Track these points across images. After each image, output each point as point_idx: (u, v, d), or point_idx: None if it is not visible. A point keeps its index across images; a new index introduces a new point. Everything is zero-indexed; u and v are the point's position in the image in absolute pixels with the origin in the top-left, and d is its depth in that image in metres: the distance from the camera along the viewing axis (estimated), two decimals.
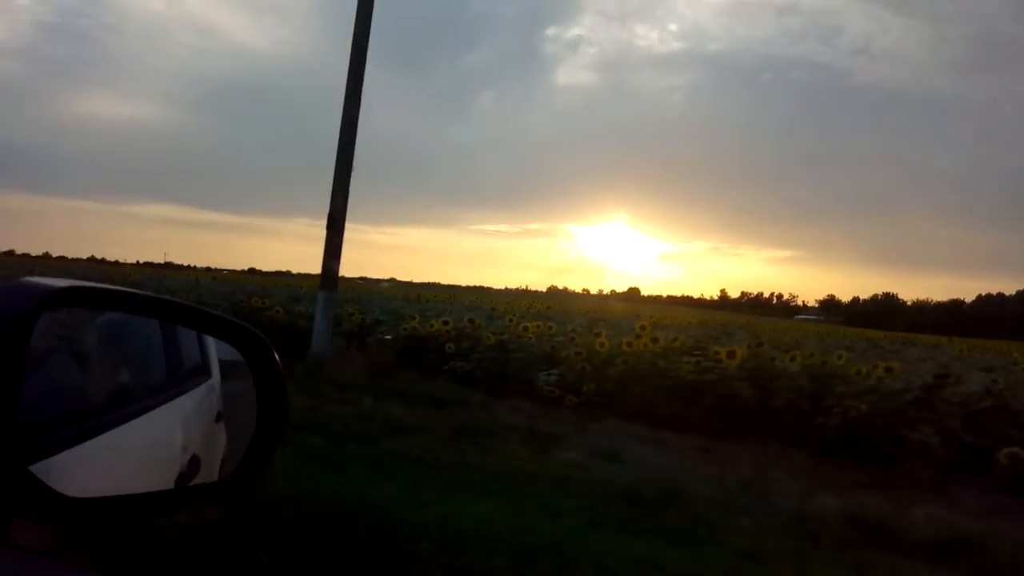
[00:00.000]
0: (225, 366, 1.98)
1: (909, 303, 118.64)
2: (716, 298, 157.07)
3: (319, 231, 11.00)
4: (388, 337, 12.46)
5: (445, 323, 11.87)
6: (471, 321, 12.01)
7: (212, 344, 1.96)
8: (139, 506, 1.12)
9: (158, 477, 1.42)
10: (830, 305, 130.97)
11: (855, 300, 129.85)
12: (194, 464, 1.59)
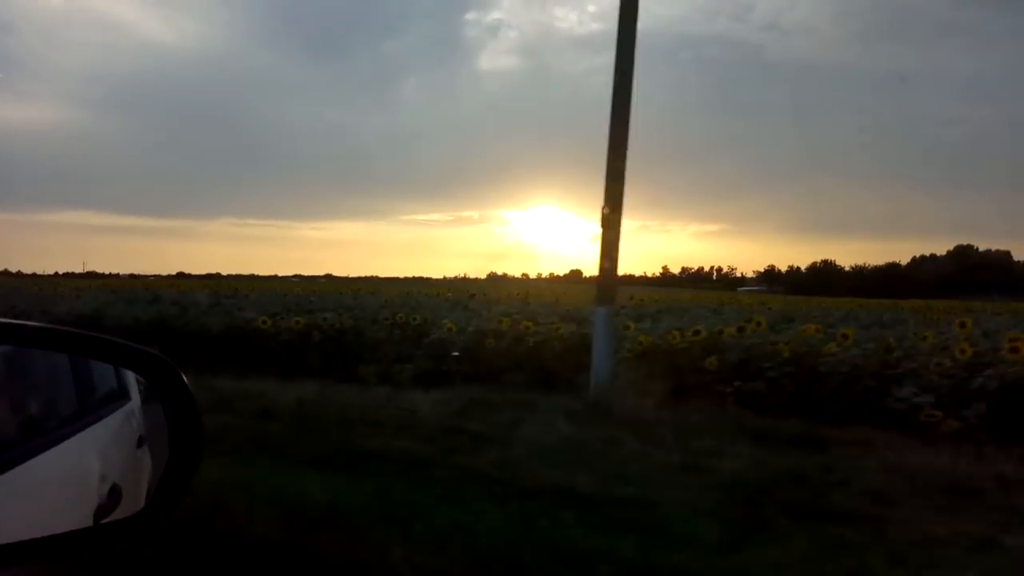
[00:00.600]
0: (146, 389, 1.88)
1: (848, 268, 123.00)
2: (658, 275, 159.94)
3: (245, 230, 10.50)
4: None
5: (696, 333, 9.19)
6: (720, 330, 9.44)
7: None
8: (51, 549, 1.05)
9: (75, 513, 1.34)
10: (771, 275, 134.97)
11: (795, 269, 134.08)
12: (115, 494, 1.51)
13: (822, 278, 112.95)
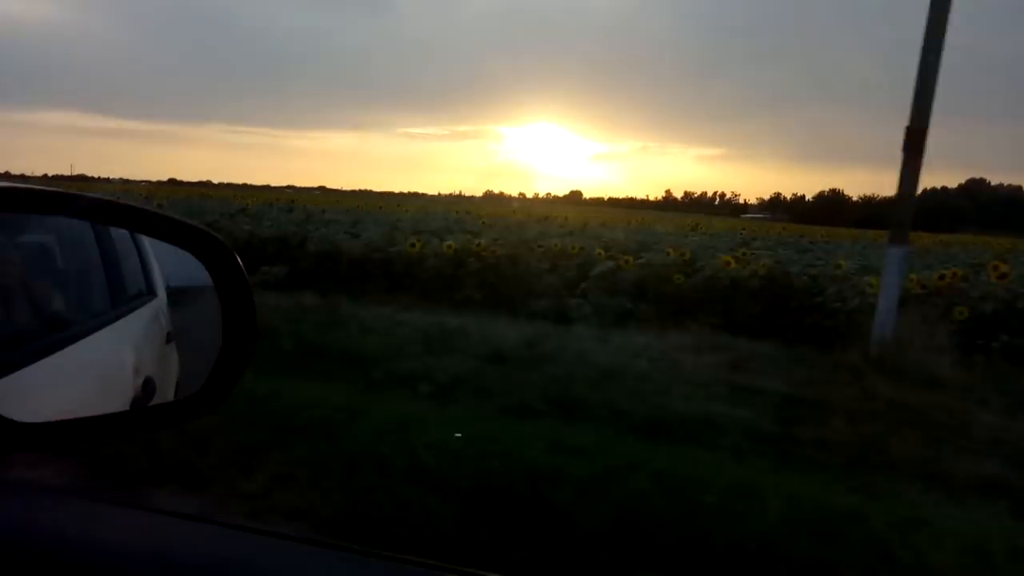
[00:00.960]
0: (174, 293, 1.88)
1: (855, 199, 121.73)
2: (660, 199, 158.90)
3: (236, 137, 10.06)
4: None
5: (942, 277, 8.63)
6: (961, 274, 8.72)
7: (155, 264, 1.85)
8: (96, 430, 1.07)
9: (112, 400, 1.36)
10: (776, 203, 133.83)
11: (799, 198, 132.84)
12: (149, 387, 1.53)
13: (830, 208, 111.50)
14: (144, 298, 1.77)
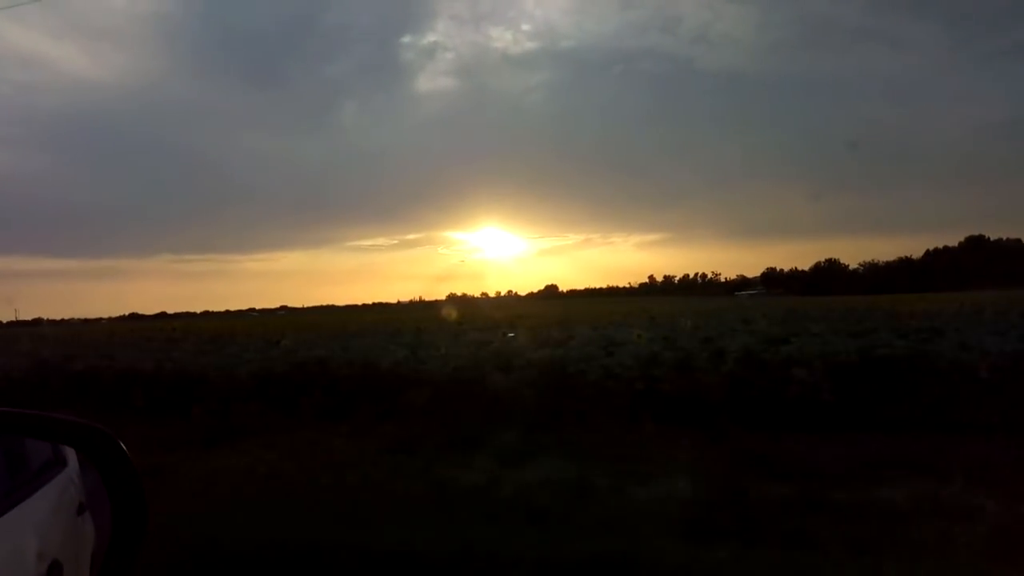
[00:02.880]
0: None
1: (854, 266, 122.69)
2: (635, 285, 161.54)
3: (186, 266, 10.05)
4: None
5: None
6: None
7: None
8: None
9: None
10: (770, 278, 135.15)
11: (795, 271, 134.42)
12: (55, 571, 1.46)
13: (826, 277, 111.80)
14: (51, 470, 1.71)
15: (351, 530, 4.44)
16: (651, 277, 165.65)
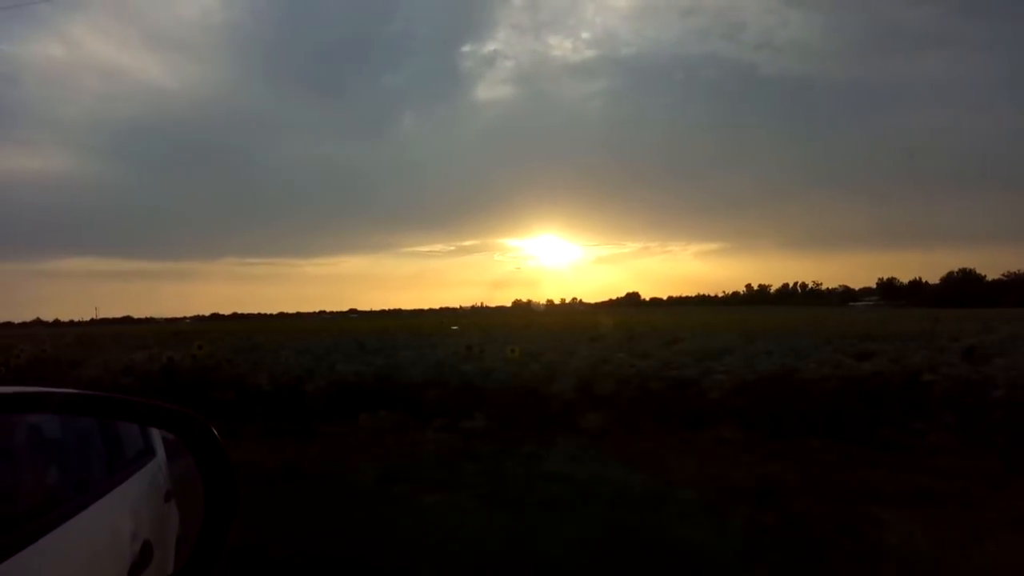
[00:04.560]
0: (173, 443, 1.98)
1: (991, 278, 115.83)
2: (728, 293, 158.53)
3: (248, 269, 10.22)
4: None
5: None
6: None
7: None
8: None
9: (110, 571, 1.42)
10: (889, 288, 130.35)
11: (917, 282, 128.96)
12: (146, 551, 1.61)
13: (959, 289, 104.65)
14: (143, 459, 1.88)
15: None
16: (748, 286, 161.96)
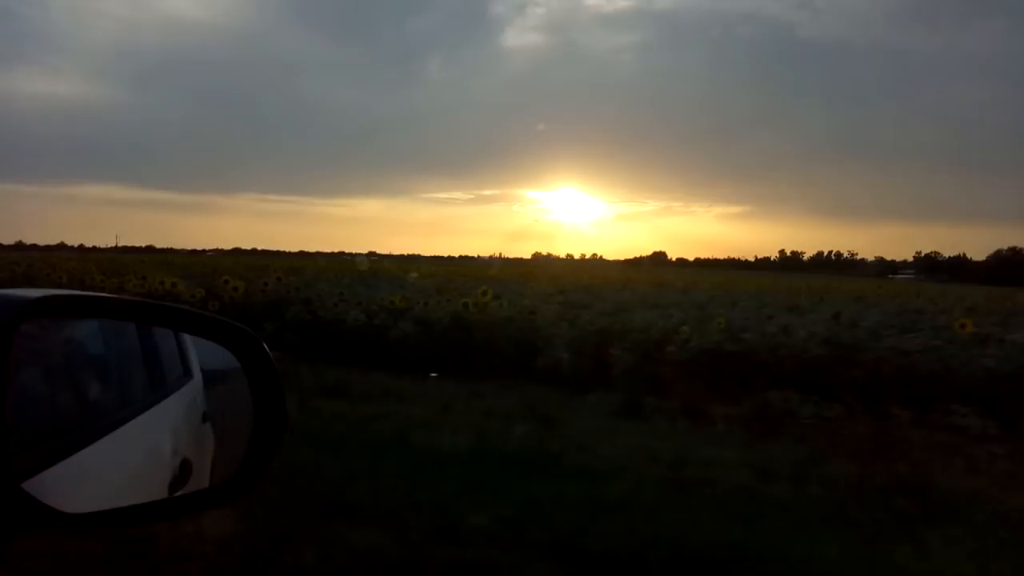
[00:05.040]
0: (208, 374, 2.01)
1: None
2: (753, 259, 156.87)
3: (267, 206, 10.09)
4: None
5: None
6: None
7: (191, 344, 1.98)
8: (138, 517, 1.16)
9: (151, 484, 1.47)
10: (930, 263, 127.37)
11: (960, 258, 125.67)
12: (185, 468, 1.64)
13: (1009, 268, 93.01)
14: (181, 380, 1.91)
15: None
16: (782, 251, 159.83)
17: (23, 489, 0.89)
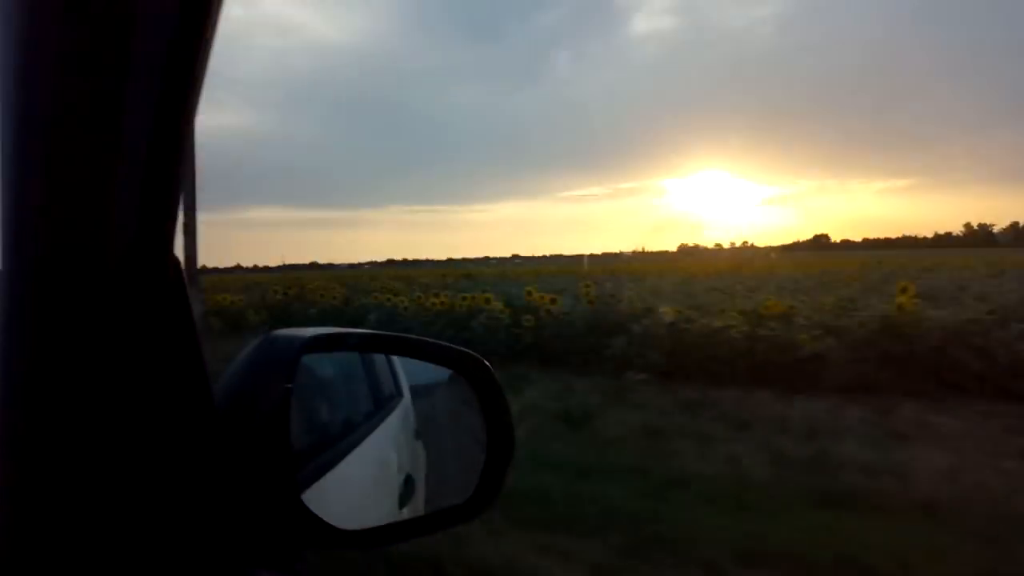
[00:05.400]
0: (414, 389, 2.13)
1: None
2: (930, 236, 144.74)
3: (411, 217, 10.09)
4: None
5: None
6: None
7: (399, 364, 2.11)
8: (402, 533, 1.25)
9: (388, 500, 1.57)
10: None
11: None
12: (409, 484, 1.75)
13: None
14: (395, 398, 2.04)
15: None
16: (968, 225, 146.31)
17: (307, 507, 0.99)
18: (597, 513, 4.48)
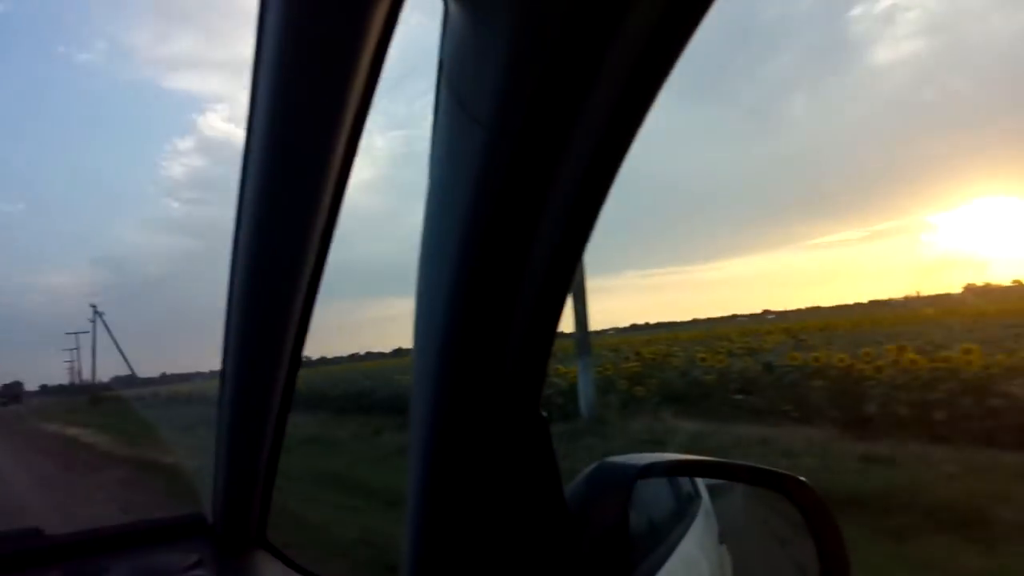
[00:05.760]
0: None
1: None
2: None
3: (646, 280, 9.90)
4: None
5: None
6: None
7: None
8: None
9: None
10: None
11: None
12: None
13: None
14: (696, 500, 2.08)
15: None
16: None
17: None
18: None
